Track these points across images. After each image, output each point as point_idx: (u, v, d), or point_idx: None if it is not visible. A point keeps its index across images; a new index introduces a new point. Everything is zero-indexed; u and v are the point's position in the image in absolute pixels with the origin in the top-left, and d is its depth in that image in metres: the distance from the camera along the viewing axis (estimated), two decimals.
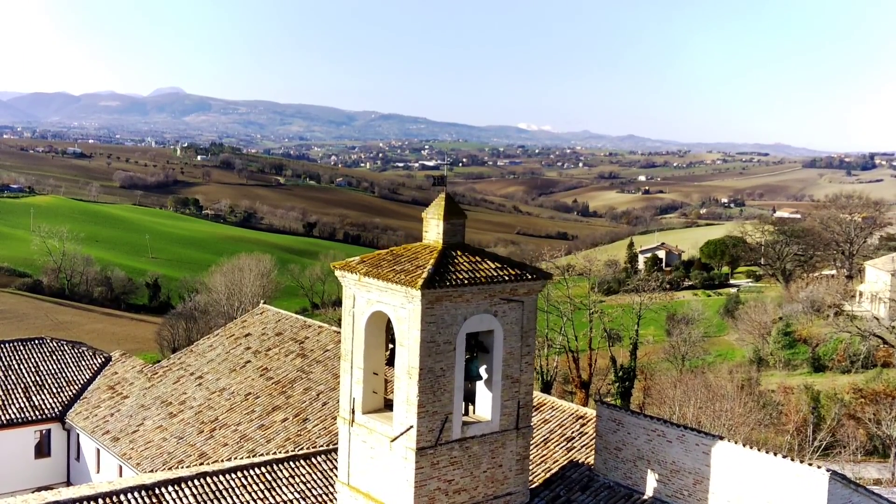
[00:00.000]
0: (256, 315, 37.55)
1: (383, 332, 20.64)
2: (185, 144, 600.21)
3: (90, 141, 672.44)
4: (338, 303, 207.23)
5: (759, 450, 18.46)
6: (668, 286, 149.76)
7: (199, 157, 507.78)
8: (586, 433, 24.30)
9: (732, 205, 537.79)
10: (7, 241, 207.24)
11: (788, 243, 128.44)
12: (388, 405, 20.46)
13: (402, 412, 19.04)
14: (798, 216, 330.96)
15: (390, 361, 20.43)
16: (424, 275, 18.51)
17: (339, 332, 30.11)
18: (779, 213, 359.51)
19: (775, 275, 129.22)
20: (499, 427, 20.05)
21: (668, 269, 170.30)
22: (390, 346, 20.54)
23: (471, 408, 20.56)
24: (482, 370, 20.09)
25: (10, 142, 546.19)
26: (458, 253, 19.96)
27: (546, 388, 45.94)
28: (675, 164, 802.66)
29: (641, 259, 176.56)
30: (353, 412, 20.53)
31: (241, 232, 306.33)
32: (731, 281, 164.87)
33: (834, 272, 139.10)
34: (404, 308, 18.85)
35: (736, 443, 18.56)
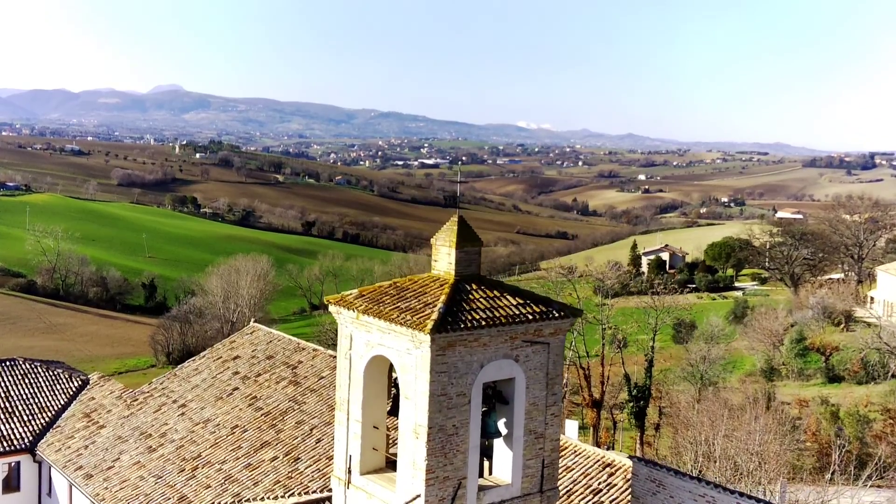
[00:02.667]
0: (246, 335, 34.61)
1: (385, 377, 17.72)
2: (184, 142, 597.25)
3: (89, 138, 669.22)
4: None
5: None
6: (676, 288, 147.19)
7: (197, 155, 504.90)
8: (615, 485, 21.32)
9: (733, 204, 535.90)
10: (2, 240, 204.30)
11: (797, 247, 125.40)
12: (389, 463, 17.55)
13: (408, 477, 16.07)
14: (800, 216, 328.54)
15: (393, 410, 17.54)
16: (434, 315, 15.56)
17: (335, 357, 27.23)
18: (780, 214, 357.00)
19: (783, 279, 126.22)
20: (520, 491, 17.05)
21: (673, 271, 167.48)
22: (393, 390, 17.67)
23: (487, 468, 17.54)
24: (501, 424, 17.12)
25: (7, 139, 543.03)
26: (473, 286, 17.00)
27: None
28: (674, 163, 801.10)
29: (645, 261, 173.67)
30: (350, 472, 17.57)
31: (240, 231, 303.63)
32: (737, 284, 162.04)
33: (841, 276, 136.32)
34: (410, 354, 15.92)
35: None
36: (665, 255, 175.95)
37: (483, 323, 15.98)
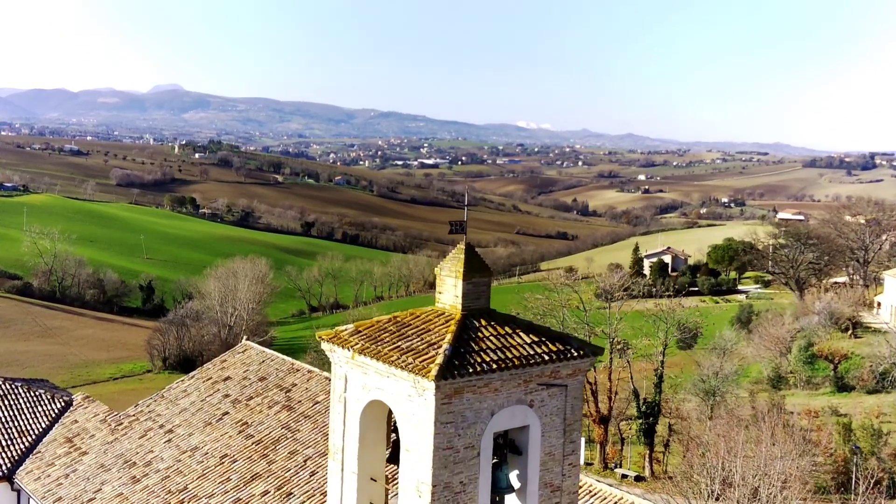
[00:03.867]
0: (238, 354, 32.79)
1: (384, 422, 15.88)
2: (184, 142, 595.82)
3: (88, 138, 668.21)
4: (335, 305, 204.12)
5: None
6: (676, 292, 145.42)
7: (196, 155, 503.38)
8: None
9: (733, 204, 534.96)
10: None
11: (802, 250, 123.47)
12: None
13: None
14: (801, 218, 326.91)
15: (393, 458, 15.74)
16: (439, 359, 13.71)
17: (330, 380, 25.34)
18: (781, 215, 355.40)
19: (788, 283, 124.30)
20: None
21: (675, 273, 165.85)
22: (393, 434, 15.87)
23: None
24: (513, 477, 15.26)
25: (6, 139, 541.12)
26: (483, 322, 15.16)
27: None
28: (674, 164, 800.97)
29: (647, 263, 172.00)
30: None
31: (238, 231, 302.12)
32: (739, 287, 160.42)
33: (845, 279, 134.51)
34: (412, 401, 14.08)
35: None
36: (667, 258, 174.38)
37: (494, 366, 14.15)
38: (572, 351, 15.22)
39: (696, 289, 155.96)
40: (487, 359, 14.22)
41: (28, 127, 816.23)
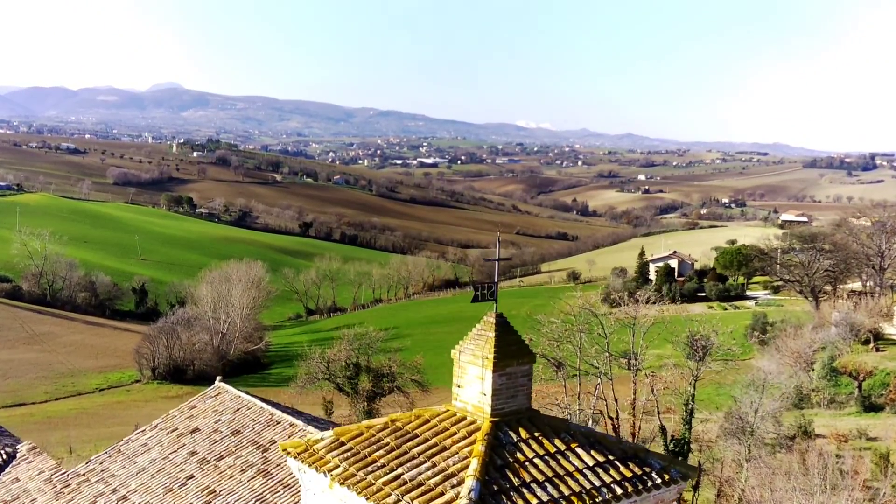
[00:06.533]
0: (210, 399, 27.97)
1: None
2: (182, 140, 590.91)
3: (86, 136, 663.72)
4: (333, 309, 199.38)
5: None
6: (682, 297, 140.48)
7: (194, 154, 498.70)
8: None
9: (733, 205, 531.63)
10: None
11: (818, 257, 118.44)
12: None
13: None
14: (805, 219, 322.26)
15: None
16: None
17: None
18: (784, 216, 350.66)
19: (803, 291, 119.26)
20: None
21: (681, 279, 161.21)
22: None
23: None
24: None
25: (2, 136, 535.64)
26: (522, 434, 10.32)
27: None
28: (674, 164, 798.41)
29: (653, 268, 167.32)
30: None
31: (235, 232, 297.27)
32: (748, 293, 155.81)
33: (858, 285, 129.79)
34: None
35: None
36: (674, 263, 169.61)
37: None
38: (654, 476, 10.40)
39: (704, 294, 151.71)
40: (535, 501, 9.41)
41: (26, 125, 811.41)
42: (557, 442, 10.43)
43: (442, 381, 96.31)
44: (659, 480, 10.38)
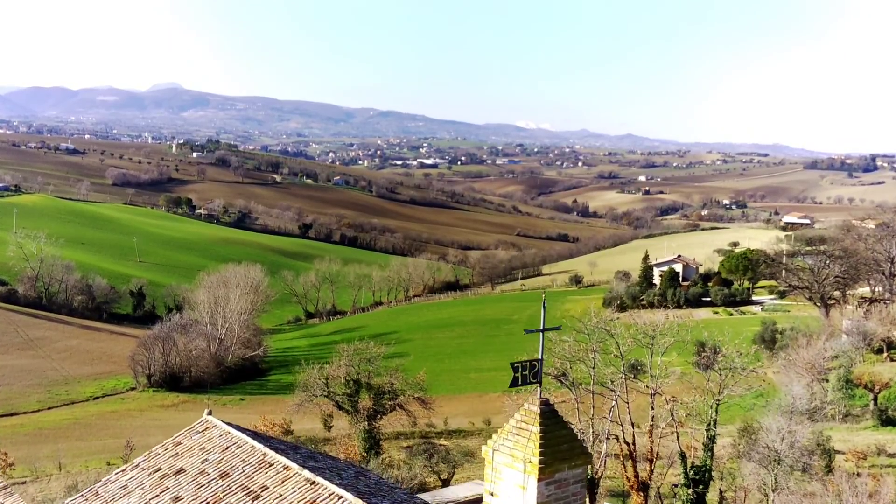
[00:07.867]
0: (196, 434, 26.00)
1: None
2: (181, 141, 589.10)
3: (86, 136, 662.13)
4: (333, 311, 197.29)
5: None
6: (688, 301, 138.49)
7: (194, 154, 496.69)
8: None
9: (734, 206, 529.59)
10: None
11: (828, 263, 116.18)
12: None
13: None
14: (807, 221, 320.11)
15: None
16: None
17: (312, 483, 19.31)
18: (787, 218, 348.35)
19: (812, 298, 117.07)
20: None
21: (686, 283, 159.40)
22: None
23: None
24: None
25: (1, 136, 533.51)
26: None
27: (591, 488, 34.78)
28: (674, 165, 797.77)
29: (657, 272, 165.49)
30: None
31: (235, 233, 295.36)
32: (754, 298, 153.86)
33: (866, 290, 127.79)
34: None
35: None
36: (678, 267, 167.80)
37: None
38: None
39: (709, 299, 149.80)
40: None
41: (26, 125, 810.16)
42: None
43: (442, 390, 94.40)
44: None
